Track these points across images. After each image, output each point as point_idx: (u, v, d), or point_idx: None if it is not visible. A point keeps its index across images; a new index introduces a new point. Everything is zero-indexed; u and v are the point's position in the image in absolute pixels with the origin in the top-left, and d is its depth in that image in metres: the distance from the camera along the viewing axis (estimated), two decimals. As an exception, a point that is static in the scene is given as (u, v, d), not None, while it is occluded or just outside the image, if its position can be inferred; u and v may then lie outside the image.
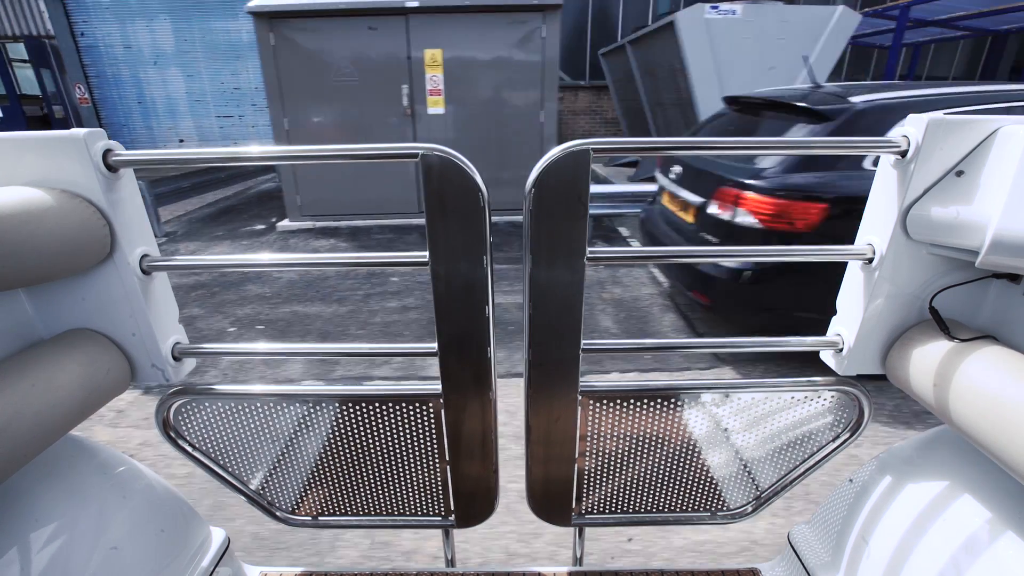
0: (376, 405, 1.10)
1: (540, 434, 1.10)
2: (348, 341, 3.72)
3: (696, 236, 3.36)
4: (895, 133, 0.84)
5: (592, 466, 1.18)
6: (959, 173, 0.80)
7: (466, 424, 1.08)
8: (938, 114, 0.79)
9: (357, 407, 1.10)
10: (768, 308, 3.07)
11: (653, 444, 1.15)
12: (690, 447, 1.16)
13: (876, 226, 0.91)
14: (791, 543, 1.24)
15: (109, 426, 2.74)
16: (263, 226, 6.90)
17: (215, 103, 12.68)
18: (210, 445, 1.16)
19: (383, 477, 1.20)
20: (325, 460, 1.19)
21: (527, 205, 0.89)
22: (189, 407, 1.10)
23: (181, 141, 12.82)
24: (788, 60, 6.65)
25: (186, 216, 7.61)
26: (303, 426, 1.13)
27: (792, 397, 1.08)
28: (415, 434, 1.13)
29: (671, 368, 3.27)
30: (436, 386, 1.06)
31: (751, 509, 1.24)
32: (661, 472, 1.20)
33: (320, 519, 1.28)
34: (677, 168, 3.72)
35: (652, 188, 4.70)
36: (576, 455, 1.14)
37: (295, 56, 5.95)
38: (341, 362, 3.37)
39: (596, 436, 1.13)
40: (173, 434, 1.12)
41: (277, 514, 1.28)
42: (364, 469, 1.20)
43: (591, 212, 0.94)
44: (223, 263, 0.97)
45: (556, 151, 0.86)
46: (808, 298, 2.85)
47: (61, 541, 0.88)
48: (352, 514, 1.28)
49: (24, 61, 14.06)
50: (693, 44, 6.67)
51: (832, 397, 1.07)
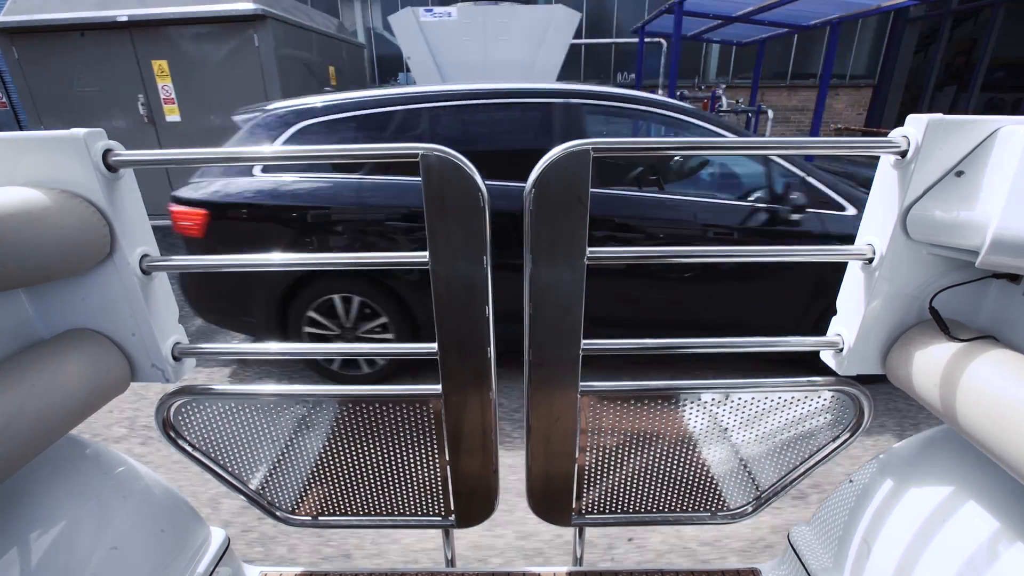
0: (376, 405, 1.10)
1: (540, 434, 1.10)
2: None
3: None
4: (895, 133, 0.84)
5: (592, 466, 1.18)
6: (959, 173, 0.80)
7: (466, 424, 1.08)
8: (938, 114, 0.79)
9: (357, 407, 1.10)
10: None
11: (653, 444, 1.15)
12: (690, 447, 1.16)
13: (876, 226, 0.91)
14: (791, 543, 1.24)
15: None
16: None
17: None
18: (210, 445, 1.16)
19: (383, 477, 1.20)
20: (325, 460, 1.19)
21: (527, 205, 0.89)
22: (189, 407, 1.10)
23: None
24: (516, 59, 6.80)
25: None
26: (303, 426, 1.13)
27: (792, 397, 1.08)
28: (415, 434, 1.13)
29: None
30: (436, 386, 1.06)
31: (751, 509, 1.24)
32: (661, 472, 1.20)
33: (320, 519, 1.28)
34: None
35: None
36: (576, 455, 1.14)
37: (41, 69, 6.36)
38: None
39: (596, 436, 1.13)
40: (173, 434, 1.12)
41: (277, 514, 1.28)
42: (364, 469, 1.20)
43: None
44: (223, 263, 0.97)
45: (556, 151, 0.86)
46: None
47: (61, 541, 0.88)
48: (352, 514, 1.27)
49: None
50: (411, 46, 6.83)
51: (832, 397, 1.07)
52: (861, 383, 1.05)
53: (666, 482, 1.21)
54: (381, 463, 1.18)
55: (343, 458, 1.18)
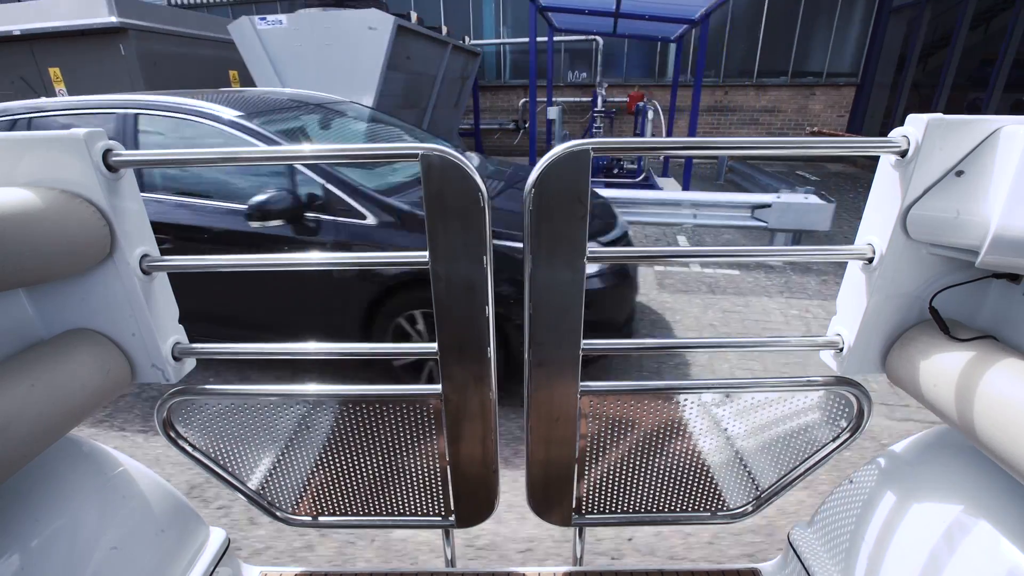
0: (376, 405, 1.10)
1: (540, 434, 1.10)
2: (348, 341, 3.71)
3: None
4: (895, 133, 0.84)
5: (592, 466, 1.18)
6: (959, 173, 0.80)
7: (466, 424, 1.08)
8: (938, 114, 0.79)
9: (357, 407, 1.10)
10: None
11: (653, 444, 1.15)
12: (690, 447, 1.16)
13: (876, 226, 0.91)
14: (791, 543, 1.24)
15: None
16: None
17: None
18: (210, 445, 1.16)
19: (383, 477, 1.20)
20: (325, 460, 1.19)
21: (527, 205, 0.89)
22: (189, 407, 1.10)
23: None
24: (343, 65, 6.94)
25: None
26: (303, 426, 1.13)
27: (792, 397, 1.08)
28: (415, 434, 1.13)
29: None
30: (436, 386, 1.06)
31: (751, 509, 1.24)
32: (661, 472, 1.20)
33: (320, 519, 1.28)
34: None
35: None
36: (576, 455, 1.14)
37: None
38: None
39: (596, 436, 1.13)
40: (173, 434, 1.12)
41: (277, 514, 1.28)
42: (364, 469, 1.20)
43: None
44: (224, 263, 0.97)
45: (556, 151, 0.86)
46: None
47: (61, 541, 0.88)
48: (352, 514, 1.28)
49: None
50: (251, 54, 7.02)
51: (832, 397, 1.07)
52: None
53: (666, 482, 1.21)
54: (381, 463, 1.18)
55: (343, 458, 1.18)
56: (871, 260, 0.91)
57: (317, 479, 1.22)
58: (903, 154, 0.83)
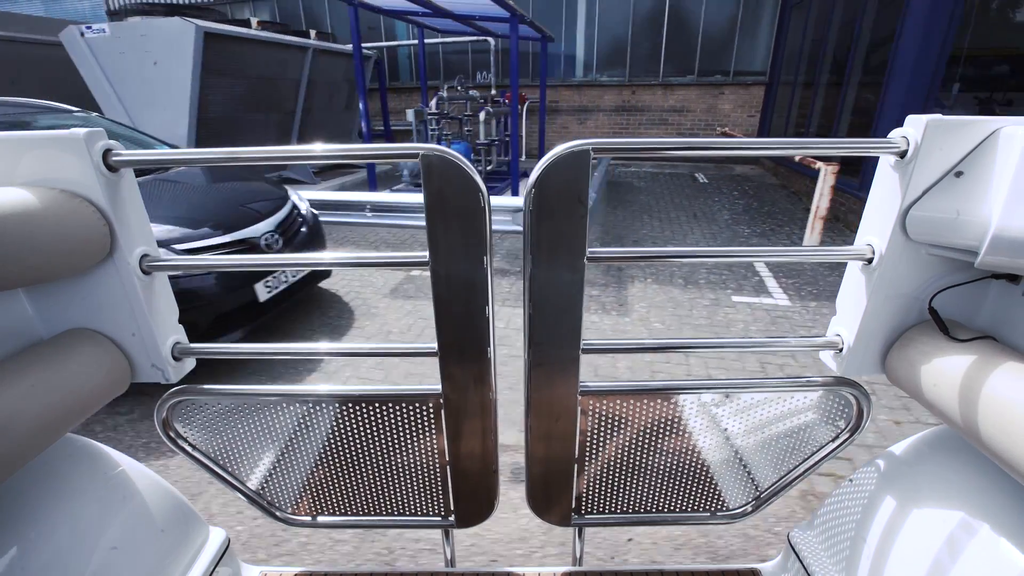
0: (376, 405, 1.10)
1: (540, 434, 1.10)
2: (348, 341, 3.71)
3: None
4: (895, 134, 0.84)
5: (592, 466, 1.18)
6: (958, 174, 0.80)
7: (466, 424, 1.08)
8: (937, 115, 0.79)
9: (357, 407, 1.10)
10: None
11: (653, 444, 1.15)
12: (690, 447, 1.16)
13: (876, 226, 0.91)
14: (791, 543, 1.24)
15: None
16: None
17: None
18: (210, 445, 1.16)
19: (383, 477, 1.20)
20: (325, 460, 1.19)
21: (527, 205, 0.89)
22: (189, 407, 1.10)
23: None
24: (158, 73, 6.97)
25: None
26: (303, 426, 1.13)
27: (792, 397, 1.08)
28: (415, 434, 1.13)
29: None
30: (436, 386, 1.06)
31: (751, 509, 1.24)
32: (661, 472, 1.20)
33: (320, 519, 1.28)
34: None
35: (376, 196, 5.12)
36: (576, 455, 1.14)
37: None
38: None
39: (596, 436, 1.13)
40: (173, 434, 1.12)
41: (277, 514, 1.28)
42: (364, 469, 1.20)
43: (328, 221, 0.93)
44: (224, 263, 0.97)
45: (556, 151, 0.86)
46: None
47: (61, 541, 0.88)
48: (352, 514, 1.27)
49: None
50: (83, 64, 7.00)
51: (831, 397, 1.07)
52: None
53: (666, 482, 1.21)
54: (381, 463, 1.18)
55: (343, 458, 1.18)
56: (871, 260, 0.91)
57: (317, 479, 1.22)
58: (902, 155, 0.83)
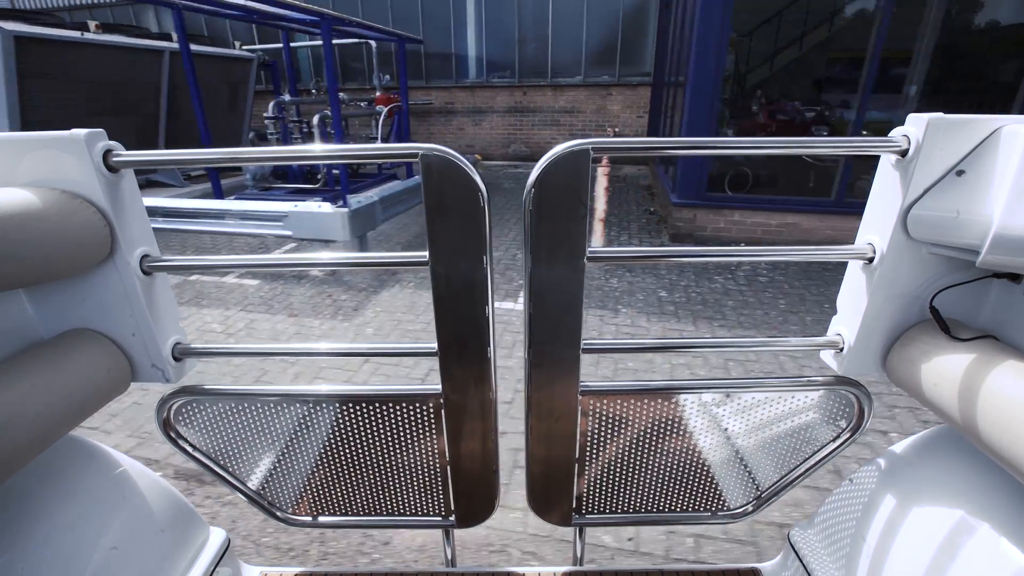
0: (376, 405, 1.10)
1: (540, 434, 1.10)
2: (347, 341, 3.72)
3: None
4: (896, 132, 0.84)
5: (592, 466, 1.18)
6: (960, 172, 0.80)
7: (466, 424, 1.08)
8: (938, 113, 0.79)
9: (357, 407, 1.10)
10: None
11: (653, 444, 1.15)
12: (690, 447, 1.15)
13: (876, 226, 0.91)
14: (791, 543, 1.23)
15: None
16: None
17: None
18: (211, 445, 1.16)
19: (383, 477, 1.20)
20: (325, 460, 1.19)
21: (527, 205, 0.89)
22: (190, 407, 1.10)
23: None
24: None
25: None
26: (303, 426, 1.13)
27: (792, 396, 1.08)
28: (415, 434, 1.13)
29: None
30: (436, 386, 1.06)
31: (752, 508, 1.24)
32: (661, 472, 1.20)
33: (320, 519, 1.28)
34: None
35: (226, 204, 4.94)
36: (576, 455, 1.14)
37: None
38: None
39: (596, 436, 1.13)
40: (174, 434, 1.12)
41: (277, 514, 1.28)
42: (364, 469, 1.20)
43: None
44: (224, 263, 0.97)
45: (556, 151, 0.86)
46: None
47: (61, 541, 0.88)
48: (352, 514, 1.27)
49: None
50: None
51: (832, 397, 1.07)
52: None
53: (666, 481, 1.21)
54: (381, 463, 1.18)
55: (343, 458, 1.18)
56: (871, 260, 0.91)
57: (317, 479, 1.22)
58: (903, 153, 0.83)
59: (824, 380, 1.05)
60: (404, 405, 1.09)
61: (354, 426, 1.13)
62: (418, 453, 1.16)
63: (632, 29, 11.12)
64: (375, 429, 1.13)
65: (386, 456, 1.17)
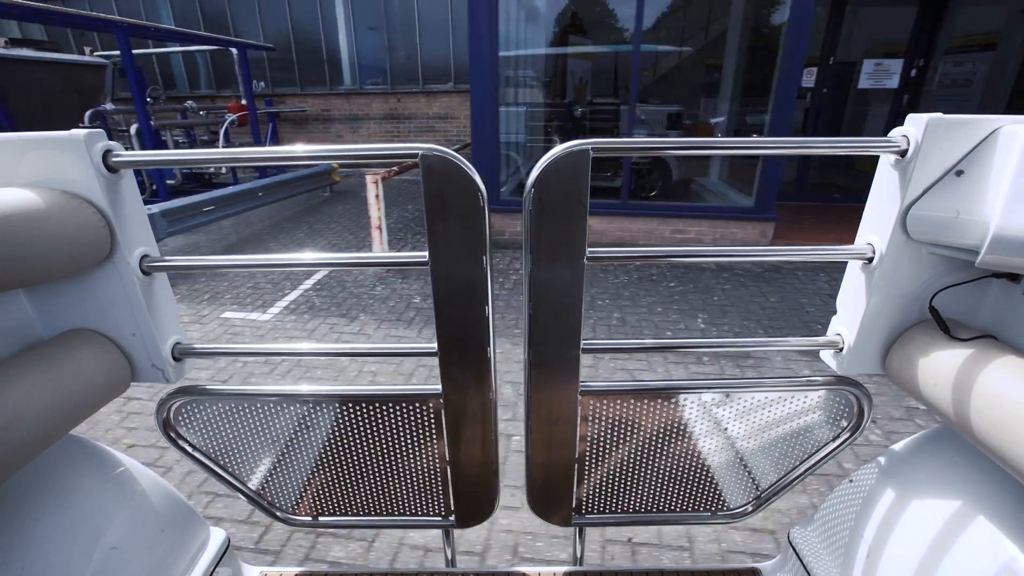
0: (376, 405, 1.10)
1: (540, 434, 1.10)
2: (347, 341, 3.71)
3: None
4: (895, 132, 0.84)
5: (592, 466, 1.18)
6: (959, 173, 0.80)
7: (466, 424, 1.08)
8: (937, 113, 0.79)
9: (357, 407, 1.10)
10: None
11: (653, 444, 1.15)
12: (690, 446, 1.16)
13: (876, 226, 0.91)
14: (791, 543, 1.23)
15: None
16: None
17: None
18: (210, 445, 1.16)
19: (383, 477, 1.20)
20: (325, 460, 1.19)
21: (527, 205, 0.89)
22: (190, 407, 1.10)
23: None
24: None
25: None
26: (303, 426, 1.13)
27: (792, 397, 1.08)
28: (415, 434, 1.13)
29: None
30: (436, 386, 1.06)
31: (752, 508, 1.24)
32: (661, 472, 1.20)
33: (320, 519, 1.28)
34: None
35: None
36: (576, 455, 1.14)
37: None
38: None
39: (596, 436, 1.13)
40: (173, 434, 1.12)
41: (277, 514, 1.28)
42: (364, 469, 1.20)
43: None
44: (224, 263, 0.97)
45: (556, 151, 0.86)
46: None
47: (61, 541, 0.88)
48: (352, 514, 1.28)
49: None
50: None
51: (832, 396, 1.07)
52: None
53: (666, 482, 1.21)
54: (381, 463, 1.18)
55: (343, 458, 1.18)
56: (871, 260, 0.91)
57: (317, 479, 1.22)
58: (903, 154, 0.83)
59: (824, 380, 1.05)
60: (404, 405, 1.09)
61: (354, 426, 1.13)
62: (418, 453, 1.16)
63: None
64: (375, 429, 1.13)
65: (386, 456, 1.17)
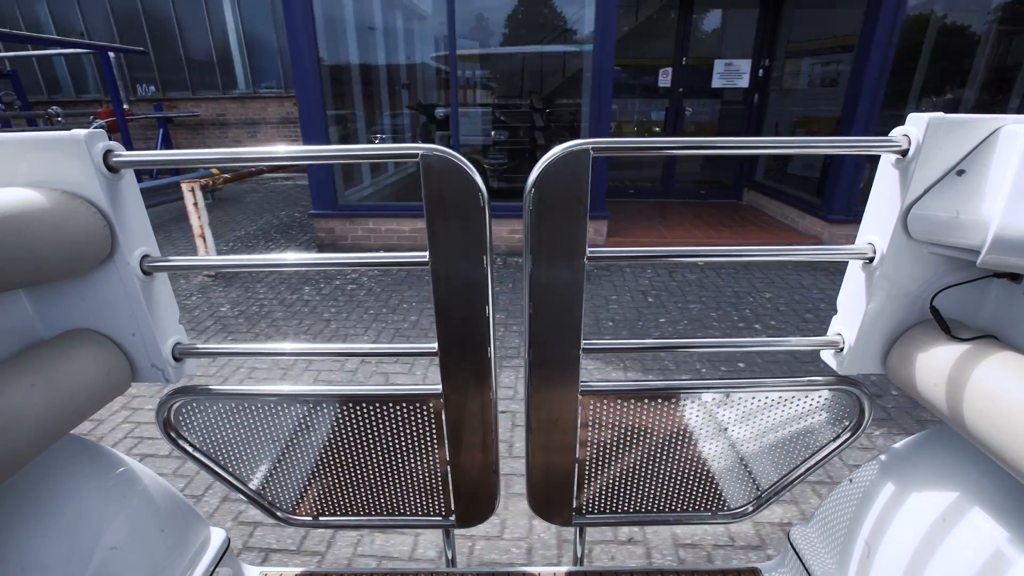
0: (376, 405, 1.10)
1: (541, 434, 1.10)
2: (347, 341, 3.72)
3: None
4: (896, 132, 0.84)
5: (593, 466, 1.18)
6: (960, 172, 0.80)
7: (466, 424, 1.08)
8: (939, 113, 0.79)
9: (357, 407, 1.10)
10: None
11: (654, 443, 1.15)
12: (690, 446, 1.16)
13: (877, 225, 0.91)
14: (791, 543, 1.23)
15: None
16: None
17: None
18: (211, 445, 1.16)
19: (383, 477, 1.20)
20: (325, 460, 1.19)
21: (527, 205, 0.88)
22: (190, 407, 1.10)
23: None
24: None
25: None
26: (303, 426, 1.13)
27: (792, 397, 1.08)
28: (415, 434, 1.13)
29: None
30: (436, 386, 1.06)
31: (752, 508, 1.24)
32: (661, 471, 1.20)
33: (320, 519, 1.28)
34: None
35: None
36: (577, 455, 1.14)
37: None
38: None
39: (596, 436, 1.13)
40: (174, 434, 1.12)
41: (277, 514, 1.28)
42: (364, 469, 1.20)
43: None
44: (223, 263, 0.97)
45: (556, 151, 0.86)
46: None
47: (61, 541, 0.88)
48: (352, 514, 1.28)
49: None
50: None
51: (832, 396, 1.07)
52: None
53: (666, 482, 1.21)
54: (381, 463, 1.18)
55: (343, 458, 1.18)
56: (871, 260, 0.91)
57: (317, 479, 1.22)
58: (904, 153, 0.83)
59: (824, 380, 1.05)
60: (404, 405, 1.09)
61: (354, 426, 1.13)
62: (418, 453, 1.16)
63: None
64: (375, 429, 1.13)
65: (386, 456, 1.17)
